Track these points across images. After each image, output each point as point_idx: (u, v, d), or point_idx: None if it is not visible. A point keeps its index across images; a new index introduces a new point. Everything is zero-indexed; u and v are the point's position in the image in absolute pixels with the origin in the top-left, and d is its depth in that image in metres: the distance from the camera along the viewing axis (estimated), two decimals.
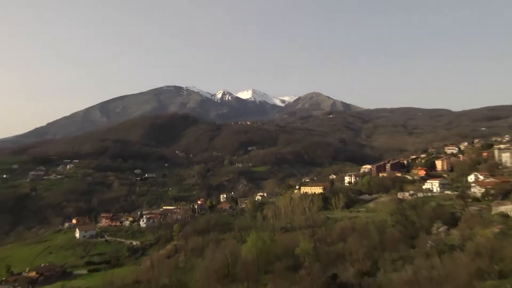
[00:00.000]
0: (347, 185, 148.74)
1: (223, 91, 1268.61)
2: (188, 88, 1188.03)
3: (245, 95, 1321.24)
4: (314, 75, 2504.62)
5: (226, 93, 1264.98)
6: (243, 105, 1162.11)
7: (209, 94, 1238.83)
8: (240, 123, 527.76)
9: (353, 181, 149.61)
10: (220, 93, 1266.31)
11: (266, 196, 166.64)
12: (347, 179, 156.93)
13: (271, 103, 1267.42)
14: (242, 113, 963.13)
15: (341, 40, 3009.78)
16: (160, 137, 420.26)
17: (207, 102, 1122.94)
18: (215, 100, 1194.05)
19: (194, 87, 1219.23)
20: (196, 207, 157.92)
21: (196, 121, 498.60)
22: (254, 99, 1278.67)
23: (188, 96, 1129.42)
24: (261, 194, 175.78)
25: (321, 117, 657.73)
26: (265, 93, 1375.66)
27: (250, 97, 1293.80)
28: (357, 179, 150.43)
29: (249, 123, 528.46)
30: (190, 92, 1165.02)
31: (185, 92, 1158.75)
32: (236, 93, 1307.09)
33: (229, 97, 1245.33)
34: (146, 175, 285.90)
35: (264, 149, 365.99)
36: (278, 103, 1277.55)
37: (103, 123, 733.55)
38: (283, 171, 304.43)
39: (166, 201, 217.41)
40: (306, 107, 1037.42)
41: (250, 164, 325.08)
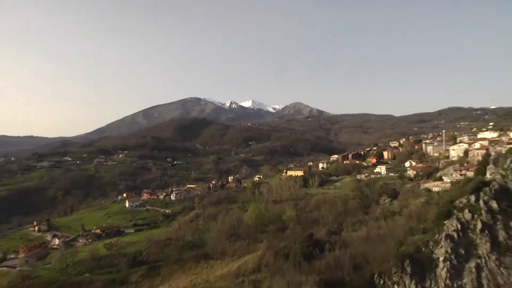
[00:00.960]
0: (321, 169, 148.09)
1: (230, 101, 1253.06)
2: (205, 99, 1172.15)
3: (247, 104, 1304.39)
4: (297, 89, 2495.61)
5: (232, 102, 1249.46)
6: (245, 111, 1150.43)
7: (220, 103, 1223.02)
8: (243, 124, 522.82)
9: (325, 167, 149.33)
10: (228, 102, 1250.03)
11: (262, 177, 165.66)
12: (320, 165, 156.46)
13: (265, 110, 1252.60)
14: (245, 117, 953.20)
15: (317, 61, 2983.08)
16: (185, 134, 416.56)
17: (219, 109, 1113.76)
18: (225, 108, 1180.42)
19: (210, 98, 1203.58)
20: (211, 185, 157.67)
21: (211, 123, 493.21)
22: (253, 107, 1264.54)
23: (205, 105, 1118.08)
24: (258, 176, 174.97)
25: (302, 120, 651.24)
26: (261, 102, 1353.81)
27: (251, 105, 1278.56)
28: (328, 165, 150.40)
29: (249, 124, 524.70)
30: (207, 102, 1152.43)
31: (203, 102, 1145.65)
32: (240, 103, 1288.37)
33: (235, 105, 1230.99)
34: (175, 162, 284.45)
35: (261, 144, 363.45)
36: (271, 110, 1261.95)
37: (145, 125, 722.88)
38: (275, 159, 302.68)
39: (189, 181, 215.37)
40: (291, 113, 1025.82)
41: (251, 155, 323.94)
